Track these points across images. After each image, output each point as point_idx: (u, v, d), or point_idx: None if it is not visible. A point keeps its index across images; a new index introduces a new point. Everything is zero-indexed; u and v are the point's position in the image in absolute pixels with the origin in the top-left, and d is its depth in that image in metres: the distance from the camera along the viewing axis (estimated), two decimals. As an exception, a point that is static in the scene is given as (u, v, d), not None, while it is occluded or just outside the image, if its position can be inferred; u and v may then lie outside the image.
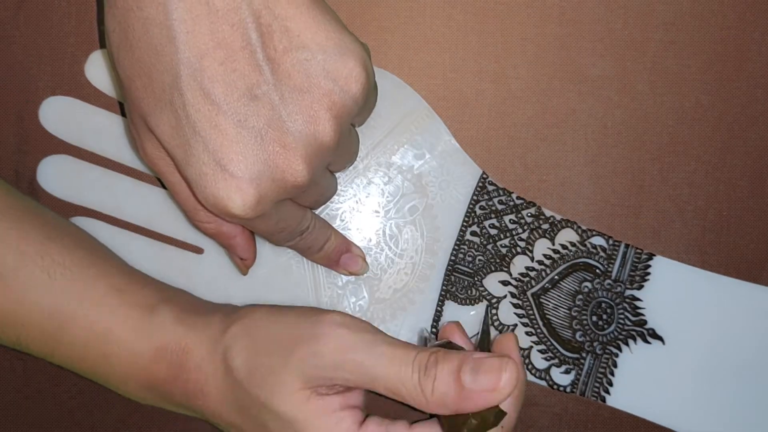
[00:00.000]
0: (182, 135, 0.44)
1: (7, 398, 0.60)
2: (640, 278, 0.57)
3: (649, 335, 0.57)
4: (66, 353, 0.52)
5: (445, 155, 0.58)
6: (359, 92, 0.45)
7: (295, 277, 0.58)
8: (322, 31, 0.44)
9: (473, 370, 0.47)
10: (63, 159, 0.58)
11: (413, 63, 0.58)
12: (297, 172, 0.45)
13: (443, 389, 0.47)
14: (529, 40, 0.57)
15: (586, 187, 0.58)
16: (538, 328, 0.57)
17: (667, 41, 0.57)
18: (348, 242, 0.57)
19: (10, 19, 0.58)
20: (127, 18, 0.43)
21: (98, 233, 0.58)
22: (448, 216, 0.58)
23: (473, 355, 0.48)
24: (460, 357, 0.48)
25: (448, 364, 0.47)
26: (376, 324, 0.58)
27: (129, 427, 0.60)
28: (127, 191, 0.58)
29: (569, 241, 0.57)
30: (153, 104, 0.44)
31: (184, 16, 0.42)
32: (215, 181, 0.44)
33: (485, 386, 0.46)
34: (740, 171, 0.57)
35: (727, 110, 0.57)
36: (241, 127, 0.43)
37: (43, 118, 0.58)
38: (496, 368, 0.47)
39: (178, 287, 0.56)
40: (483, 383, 0.47)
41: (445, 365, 0.47)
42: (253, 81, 0.43)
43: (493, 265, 0.58)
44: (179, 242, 0.58)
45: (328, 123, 0.45)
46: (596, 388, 0.57)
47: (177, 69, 0.43)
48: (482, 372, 0.47)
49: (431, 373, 0.47)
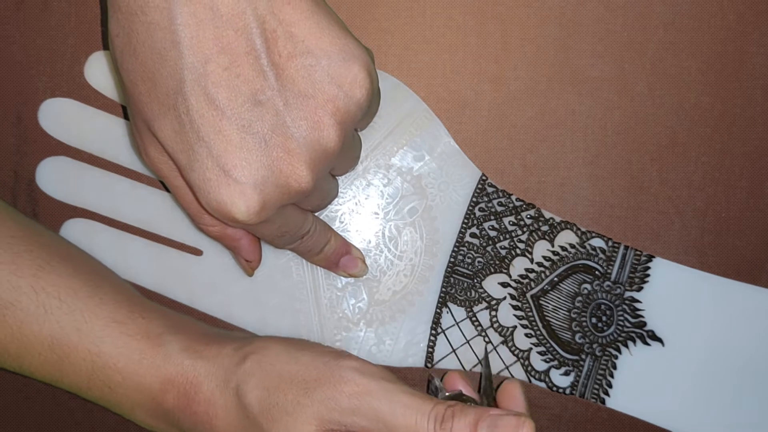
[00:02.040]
0: (186, 140, 0.44)
1: (7, 398, 0.60)
2: (639, 280, 0.57)
3: (648, 337, 0.57)
4: (71, 382, 0.52)
5: (444, 157, 0.57)
6: (363, 98, 0.45)
7: (295, 279, 0.58)
8: (327, 36, 0.44)
9: (490, 426, 0.47)
10: (62, 160, 0.58)
11: (413, 64, 0.58)
12: (301, 177, 0.45)
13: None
14: (529, 41, 0.57)
15: (585, 189, 0.58)
16: (537, 329, 0.57)
17: (667, 42, 0.57)
18: (347, 244, 0.57)
19: (9, 19, 0.58)
20: (132, 22, 0.43)
21: (96, 235, 0.58)
22: (448, 218, 0.58)
23: (490, 411, 0.48)
24: (478, 412, 0.48)
25: (465, 418, 0.47)
26: (375, 326, 0.58)
27: (129, 428, 0.60)
28: (126, 193, 0.58)
29: (568, 242, 0.57)
30: (156, 109, 0.44)
31: (188, 21, 0.42)
32: (219, 187, 0.44)
33: None
34: (739, 172, 0.58)
35: (726, 111, 0.57)
36: (245, 133, 0.43)
37: (43, 119, 0.57)
38: (513, 425, 0.47)
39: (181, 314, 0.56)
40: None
41: (462, 419, 0.47)
42: (257, 86, 0.43)
43: (493, 267, 0.58)
44: (178, 244, 0.58)
45: (332, 129, 0.45)
46: (596, 390, 0.57)
47: (181, 74, 0.43)
48: (499, 428, 0.47)
49: (447, 426, 0.47)
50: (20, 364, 0.52)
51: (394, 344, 0.58)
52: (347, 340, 0.58)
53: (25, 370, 0.52)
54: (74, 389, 0.53)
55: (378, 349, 0.58)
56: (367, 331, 0.58)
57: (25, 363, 0.52)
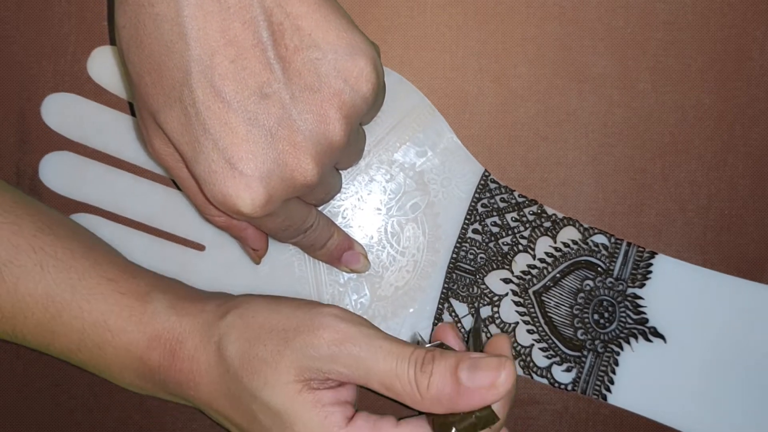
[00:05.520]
0: (192, 132, 0.44)
1: (7, 398, 0.60)
2: (641, 276, 0.57)
3: (650, 333, 0.57)
4: (62, 344, 0.52)
5: (447, 153, 0.58)
6: (369, 92, 0.45)
7: (297, 274, 0.58)
8: (333, 30, 0.44)
9: (471, 367, 0.47)
10: (65, 156, 0.58)
11: (414, 62, 0.58)
12: (306, 171, 0.45)
13: (439, 386, 0.47)
14: (530, 40, 0.57)
15: (587, 186, 0.58)
16: (539, 326, 0.58)
17: (669, 40, 0.57)
18: (350, 240, 0.57)
19: (9, 19, 0.58)
20: (139, 14, 0.43)
21: (99, 230, 0.58)
22: (450, 214, 0.58)
23: (471, 354, 0.48)
24: (458, 355, 0.48)
25: (445, 361, 0.47)
26: (377, 322, 0.58)
27: (129, 428, 0.60)
28: (129, 188, 0.58)
29: (571, 239, 0.57)
30: (163, 101, 0.44)
31: (195, 13, 0.42)
32: (224, 179, 0.44)
33: (482, 384, 0.47)
34: (742, 170, 0.58)
35: (728, 109, 0.57)
36: (251, 125, 0.43)
37: (46, 114, 0.57)
38: (494, 366, 0.47)
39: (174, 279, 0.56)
40: (480, 381, 0.47)
41: (443, 362, 0.47)
42: (263, 79, 0.43)
43: (495, 263, 0.58)
44: (180, 239, 0.58)
45: (338, 122, 0.45)
46: (597, 387, 0.57)
47: (187, 66, 0.43)
48: (480, 369, 0.47)
49: (428, 369, 0.47)
50: (13, 327, 0.52)
51: (397, 340, 0.58)
52: (349, 336, 0.58)
53: (18, 334, 0.52)
54: (65, 353, 0.53)
55: (380, 345, 0.58)
56: (369, 327, 0.58)
57: (18, 325, 0.52)
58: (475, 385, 0.47)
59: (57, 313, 0.51)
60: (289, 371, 0.48)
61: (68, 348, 0.52)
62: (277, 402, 0.48)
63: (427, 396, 0.47)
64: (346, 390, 0.50)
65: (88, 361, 0.53)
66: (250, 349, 0.49)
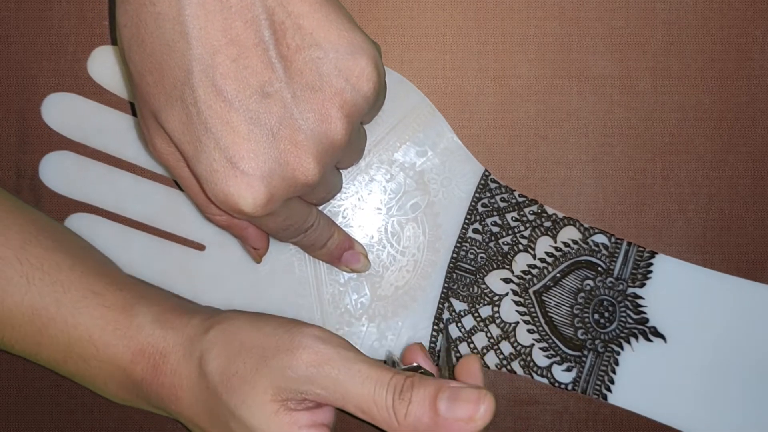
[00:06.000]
0: (193, 131, 0.44)
1: (7, 398, 0.60)
2: (642, 276, 0.57)
3: (650, 333, 0.57)
4: (48, 355, 0.52)
5: (447, 152, 0.58)
6: (371, 91, 0.45)
7: (297, 274, 0.58)
8: (335, 29, 0.44)
9: (450, 398, 0.46)
10: (65, 155, 0.58)
11: (414, 62, 0.58)
12: (308, 170, 0.45)
13: (417, 414, 0.46)
14: (530, 40, 0.58)
15: (587, 186, 0.58)
16: (539, 325, 0.58)
17: (669, 40, 0.57)
18: (350, 239, 0.57)
19: (10, 19, 0.58)
20: (140, 13, 0.43)
21: (100, 230, 0.58)
22: (450, 213, 0.58)
23: (450, 383, 0.47)
24: (438, 384, 0.47)
25: (424, 390, 0.47)
26: (378, 321, 0.58)
27: (129, 428, 0.60)
28: (129, 188, 0.58)
29: (571, 238, 0.57)
30: (164, 100, 0.44)
31: (197, 12, 0.42)
32: (226, 179, 0.44)
33: (461, 416, 0.46)
34: (742, 170, 0.58)
35: (728, 109, 0.58)
36: (252, 125, 0.43)
37: (46, 114, 0.57)
38: (474, 399, 0.46)
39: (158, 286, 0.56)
40: (459, 413, 0.46)
41: (421, 390, 0.46)
42: (265, 78, 0.43)
43: (495, 263, 0.58)
44: (181, 239, 0.58)
45: (340, 122, 0.45)
46: (598, 386, 0.57)
47: (189, 65, 0.43)
48: (460, 401, 0.46)
49: (406, 396, 0.46)
50: (2, 337, 0.52)
51: (396, 339, 0.58)
52: (349, 335, 0.58)
53: (6, 343, 0.52)
54: (51, 363, 0.53)
55: (380, 344, 0.58)
56: (369, 326, 0.58)
57: (6, 336, 0.52)
58: (454, 416, 0.46)
59: (43, 326, 0.51)
60: (267, 391, 0.48)
61: (54, 359, 0.52)
62: (254, 422, 0.48)
63: (405, 424, 0.46)
64: (323, 412, 0.50)
65: (74, 373, 0.53)
66: (230, 366, 0.49)
